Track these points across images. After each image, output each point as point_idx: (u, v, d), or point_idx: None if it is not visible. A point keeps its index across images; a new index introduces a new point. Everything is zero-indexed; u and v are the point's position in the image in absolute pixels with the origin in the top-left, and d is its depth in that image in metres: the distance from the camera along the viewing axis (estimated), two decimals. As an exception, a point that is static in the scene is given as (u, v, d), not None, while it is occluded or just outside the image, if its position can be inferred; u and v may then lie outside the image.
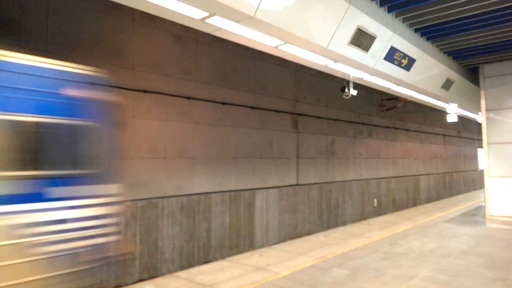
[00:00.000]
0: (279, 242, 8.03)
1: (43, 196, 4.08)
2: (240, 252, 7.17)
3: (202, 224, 6.62)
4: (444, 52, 9.73)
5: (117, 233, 4.45)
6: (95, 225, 4.41)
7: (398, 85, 9.43)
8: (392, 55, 7.72)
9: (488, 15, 7.22)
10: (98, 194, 4.42)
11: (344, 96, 8.63)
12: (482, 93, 10.37)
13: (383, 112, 13.09)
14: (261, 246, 7.66)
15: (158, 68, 6.37)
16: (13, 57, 3.99)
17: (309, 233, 9.08)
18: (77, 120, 4.39)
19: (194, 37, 7.02)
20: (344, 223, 10.25)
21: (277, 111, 8.69)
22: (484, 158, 10.16)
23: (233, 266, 5.84)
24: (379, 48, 7.23)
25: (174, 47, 6.69)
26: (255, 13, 4.74)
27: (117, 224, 4.50)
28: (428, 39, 8.60)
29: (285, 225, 8.49)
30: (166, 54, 6.53)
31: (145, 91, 6.11)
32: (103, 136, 4.52)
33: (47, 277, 4.13)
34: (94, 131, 4.41)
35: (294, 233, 8.71)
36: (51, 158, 4.09)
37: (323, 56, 6.73)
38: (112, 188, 4.49)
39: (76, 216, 4.30)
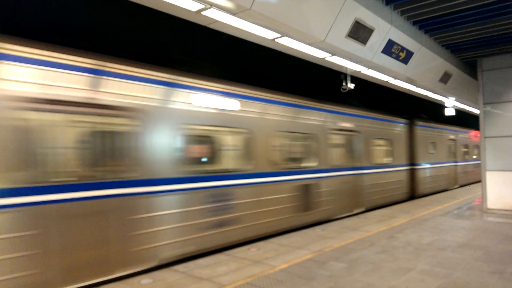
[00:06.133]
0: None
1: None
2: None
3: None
4: (442, 45, 9.68)
5: None
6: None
7: (396, 78, 9.41)
8: (390, 48, 7.68)
9: (486, 8, 7.18)
10: None
11: (341, 89, 8.60)
12: (480, 86, 10.35)
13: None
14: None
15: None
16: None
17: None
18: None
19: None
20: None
21: None
22: (482, 151, 10.17)
23: (230, 259, 5.84)
24: (377, 41, 7.18)
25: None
26: (252, 5, 4.69)
27: None
28: (426, 32, 8.55)
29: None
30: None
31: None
32: None
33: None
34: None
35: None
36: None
37: (321, 49, 6.69)
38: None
39: None
